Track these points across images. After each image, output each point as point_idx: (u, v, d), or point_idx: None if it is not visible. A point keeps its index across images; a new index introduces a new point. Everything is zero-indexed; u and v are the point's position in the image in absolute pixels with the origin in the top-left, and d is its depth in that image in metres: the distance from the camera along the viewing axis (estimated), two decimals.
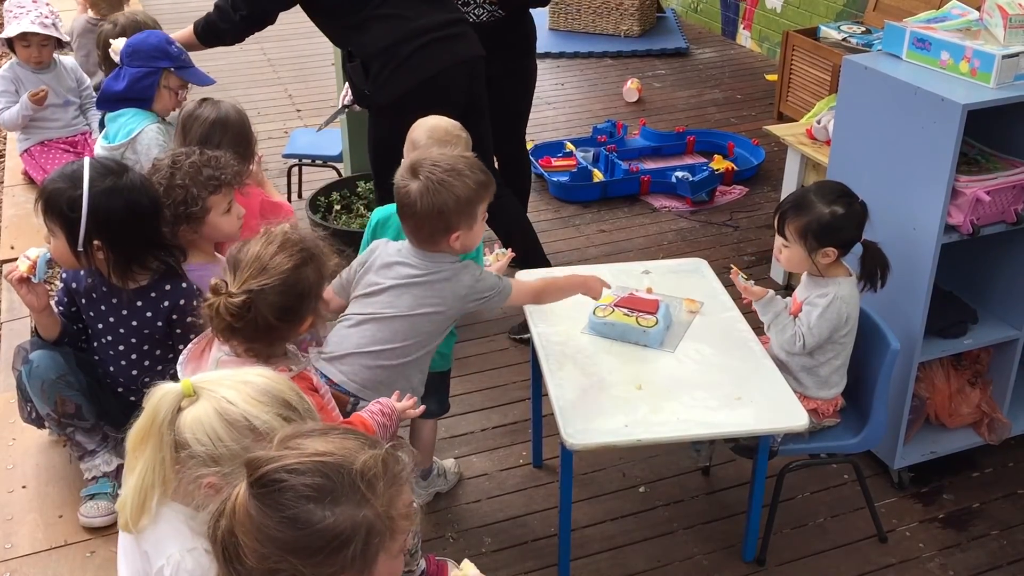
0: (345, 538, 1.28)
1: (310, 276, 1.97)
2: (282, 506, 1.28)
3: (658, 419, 2.38)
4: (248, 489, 1.30)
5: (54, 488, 2.66)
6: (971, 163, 2.71)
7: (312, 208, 4.19)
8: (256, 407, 1.51)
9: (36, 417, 2.67)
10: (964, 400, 3.01)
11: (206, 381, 1.55)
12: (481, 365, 3.64)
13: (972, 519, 2.91)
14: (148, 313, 2.51)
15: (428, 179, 2.31)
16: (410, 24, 3.32)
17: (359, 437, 1.38)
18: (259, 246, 1.96)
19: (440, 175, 2.32)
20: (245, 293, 1.89)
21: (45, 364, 2.53)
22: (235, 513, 1.30)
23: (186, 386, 1.53)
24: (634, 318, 2.63)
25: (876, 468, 3.04)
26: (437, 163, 2.35)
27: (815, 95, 5.16)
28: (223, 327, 1.92)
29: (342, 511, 1.29)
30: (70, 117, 4.37)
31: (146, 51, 3.35)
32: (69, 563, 2.40)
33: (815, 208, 2.52)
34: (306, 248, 1.99)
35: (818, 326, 2.54)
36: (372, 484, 1.31)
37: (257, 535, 1.28)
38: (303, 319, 1.99)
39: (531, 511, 2.96)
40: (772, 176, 4.99)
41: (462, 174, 2.35)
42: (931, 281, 2.68)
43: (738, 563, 2.76)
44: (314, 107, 5.95)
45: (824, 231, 2.51)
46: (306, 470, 1.30)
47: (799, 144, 3.69)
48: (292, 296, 1.93)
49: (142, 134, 3.30)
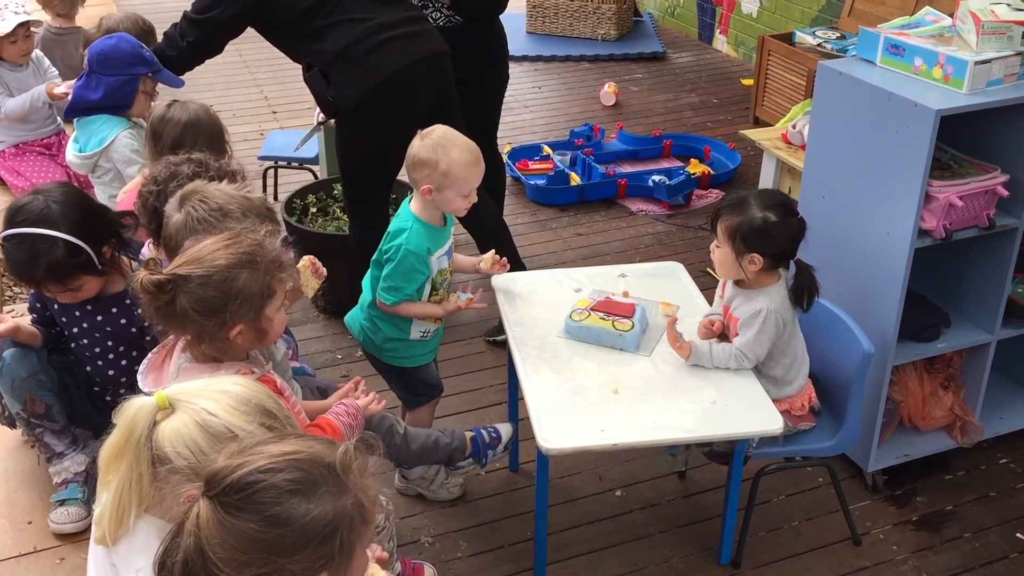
0: (333, 528, 1.29)
1: (243, 280, 1.88)
2: (263, 506, 1.27)
3: (634, 423, 2.38)
4: (214, 501, 1.28)
5: (23, 494, 2.63)
6: (944, 168, 2.73)
7: (288, 211, 4.15)
8: (239, 417, 1.48)
9: (8, 416, 2.64)
10: (937, 403, 3.04)
11: (182, 393, 1.51)
12: (458, 368, 3.63)
13: (945, 521, 2.93)
14: (123, 320, 2.49)
15: (189, 216, 2.18)
16: (364, 24, 3.24)
17: (319, 439, 1.38)
18: (211, 240, 1.93)
19: (204, 213, 2.17)
20: (169, 275, 1.85)
21: (17, 362, 2.51)
22: (200, 529, 1.27)
23: (161, 399, 1.49)
24: (610, 322, 2.63)
25: (850, 471, 3.06)
26: (206, 200, 2.20)
27: (791, 100, 5.20)
28: (145, 305, 1.88)
29: (324, 503, 1.29)
30: (43, 117, 4.32)
31: (121, 59, 3.30)
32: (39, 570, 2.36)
33: (749, 211, 2.47)
34: (251, 254, 1.91)
35: (757, 343, 2.49)
36: (348, 473, 1.32)
37: (235, 544, 1.27)
38: (226, 322, 1.89)
39: (507, 515, 2.95)
40: (748, 180, 5.01)
41: (229, 216, 2.18)
42: (904, 285, 2.70)
43: (714, 566, 2.76)
44: (290, 109, 5.92)
45: (753, 235, 2.45)
46: (282, 467, 1.29)
47: (775, 149, 3.71)
48: (215, 292, 1.86)
49: (115, 142, 3.27)
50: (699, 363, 2.51)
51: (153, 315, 1.90)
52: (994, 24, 2.58)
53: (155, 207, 2.38)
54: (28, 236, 2.38)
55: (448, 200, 2.65)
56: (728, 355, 2.50)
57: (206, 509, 1.29)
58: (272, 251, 1.97)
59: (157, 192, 2.40)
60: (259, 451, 1.33)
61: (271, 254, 1.95)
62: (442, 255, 2.74)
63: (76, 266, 2.40)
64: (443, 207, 2.68)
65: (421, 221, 2.67)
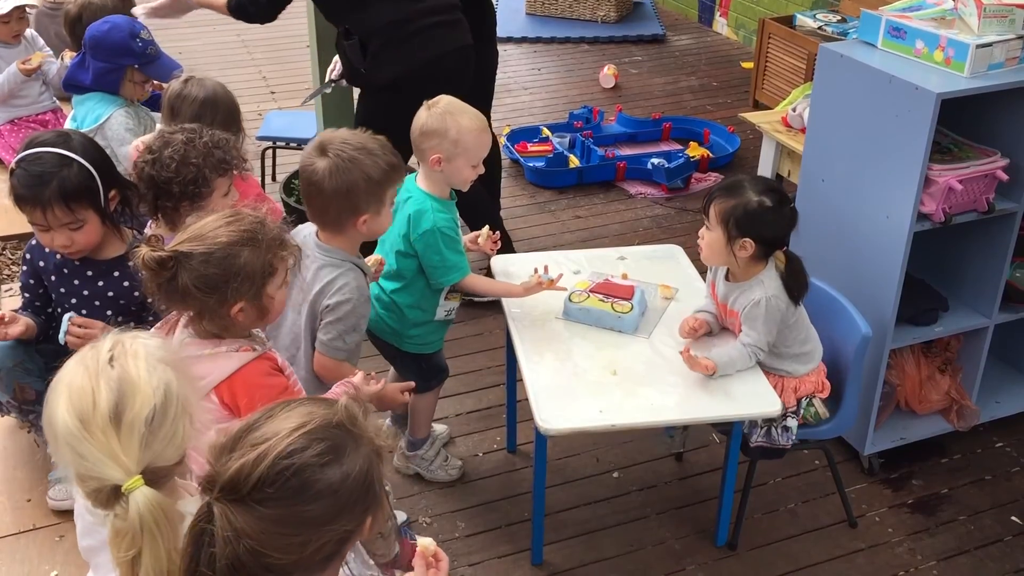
0: (368, 478, 1.35)
1: (243, 257, 1.88)
2: (304, 487, 1.28)
3: (632, 404, 2.39)
4: (243, 502, 1.26)
5: (22, 472, 2.63)
6: (944, 152, 2.73)
7: (286, 191, 4.15)
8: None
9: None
10: (934, 387, 3.05)
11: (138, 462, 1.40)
12: (456, 350, 3.63)
13: (940, 504, 2.95)
14: (125, 283, 2.48)
15: (338, 157, 2.25)
16: (414, 5, 3.30)
17: (304, 402, 1.39)
18: (212, 218, 1.93)
19: (351, 152, 2.26)
20: (170, 252, 1.85)
21: (2, 353, 2.50)
22: (240, 536, 1.25)
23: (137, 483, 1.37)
24: (609, 304, 2.63)
25: (846, 454, 3.07)
26: (347, 141, 2.28)
27: (790, 83, 5.18)
28: (146, 281, 1.88)
29: (353, 458, 1.33)
30: (36, 93, 4.32)
31: (109, 47, 3.32)
32: (38, 547, 2.37)
33: (744, 195, 2.43)
34: (253, 232, 1.91)
35: (765, 333, 2.47)
36: (357, 423, 1.36)
37: (286, 531, 1.27)
38: (227, 300, 1.89)
39: (505, 496, 2.96)
40: (747, 164, 5.00)
41: (373, 153, 2.28)
42: (903, 269, 2.70)
43: (710, 548, 2.77)
44: (288, 89, 5.89)
45: (747, 219, 2.41)
46: (304, 445, 1.30)
47: (774, 132, 3.70)
48: (217, 269, 1.86)
49: (110, 120, 3.27)
50: (726, 373, 2.46)
51: (155, 291, 1.90)
52: (996, 7, 2.57)
53: (151, 176, 2.39)
54: (45, 154, 2.40)
55: (458, 170, 2.62)
56: (744, 355, 2.47)
57: (237, 512, 1.26)
58: (273, 229, 1.96)
59: (152, 161, 2.40)
60: (263, 437, 1.31)
61: (272, 232, 1.95)
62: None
63: (85, 193, 2.39)
64: (452, 178, 2.65)
65: (433, 197, 2.65)
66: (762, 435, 2.59)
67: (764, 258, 2.49)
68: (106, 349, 1.46)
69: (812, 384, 2.61)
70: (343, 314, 2.30)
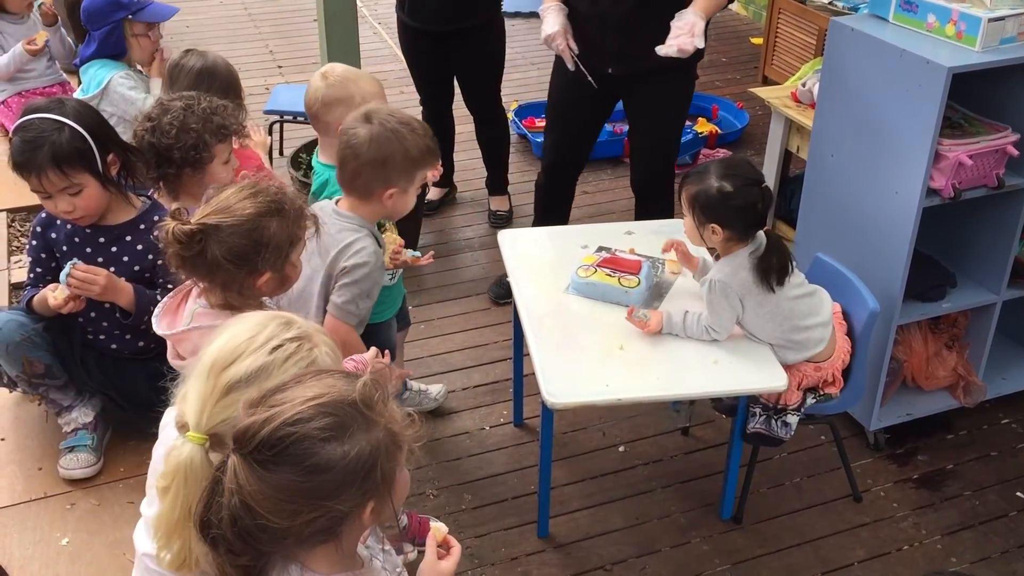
0: (371, 464, 1.32)
1: (272, 228, 1.91)
2: (300, 457, 1.29)
3: (639, 379, 2.39)
4: (247, 459, 1.29)
5: (33, 440, 2.65)
6: (954, 127, 2.71)
7: (294, 165, 4.14)
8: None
9: (8, 381, 2.65)
10: (941, 363, 3.05)
11: (208, 418, 1.48)
12: (463, 324, 3.64)
13: (946, 480, 2.95)
14: (139, 246, 2.49)
15: (382, 126, 2.28)
16: None
17: (334, 373, 1.39)
18: (234, 190, 1.94)
19: (395, 124, 2.29)
20: (199, 225, 1.87)
21: (8, 327, 2.51)
22: (241, 487, 1.29)
23: (198, 439, 1.47)
24: (616, 279, 2.63)
25: (852, 429, 3.07)
26: (393, 114, 2.32)
27: (800, 59, 5.15)
28: (173, 255, 1.90)
29: (358, 441, 1.31)
30: (43, 67, 4.32)
31: (100, 9, 3.39)
32: (49, 514, 2.39)
33: (707, 181, 2.40)
34: (277, 202, 1.94)
35: (714, 316, 2.44)
36: (373, 406, 1.34)
37: (280, 496, 1.29)
38: (256, 270, 1.93)
39: (511, 469, 2.97)
40: (756, 140, 4.98)
41: (415, 132, 2.32)
42: (912, 244, 2.69)
43: (715, 521, 2.79)
44: (295, 63, 5.88)
45: (708, 205, 2.39)
46: (310, 415, 1.30)
47: (784, 107, 3.68)
48: (246, 241, 1.89)
49: (111, 83, 3.32)
50: (671, 331, 2.48)
51: (180, 264, 1.92)
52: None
53: (152, 144, 2.40)
54: (36, 120, 2.42)
55: None
56: (701, 328, 2.47)
57: (242, 466, 1.29)
58: (296, 199, 2.00)
59: (152, 128, 2.41)
60: (281, 399, 1.33)
61: (295, 202, 1.99)
62: None
63: (78, 156, 2.39)
64: None
65: (326, 166, 2.67)
66: (760, 423, 2.59)
67: (743, 239, 2.45)
68: (291, 335, 1.52)
69: (816, 377, 2.57)
70: (359, 277, 2.32)
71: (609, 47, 3.10)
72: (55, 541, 2.30)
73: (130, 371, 2.63)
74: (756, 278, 2.42)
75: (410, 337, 3.54)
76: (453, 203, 4.47)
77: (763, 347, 2.49)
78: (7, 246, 3.80)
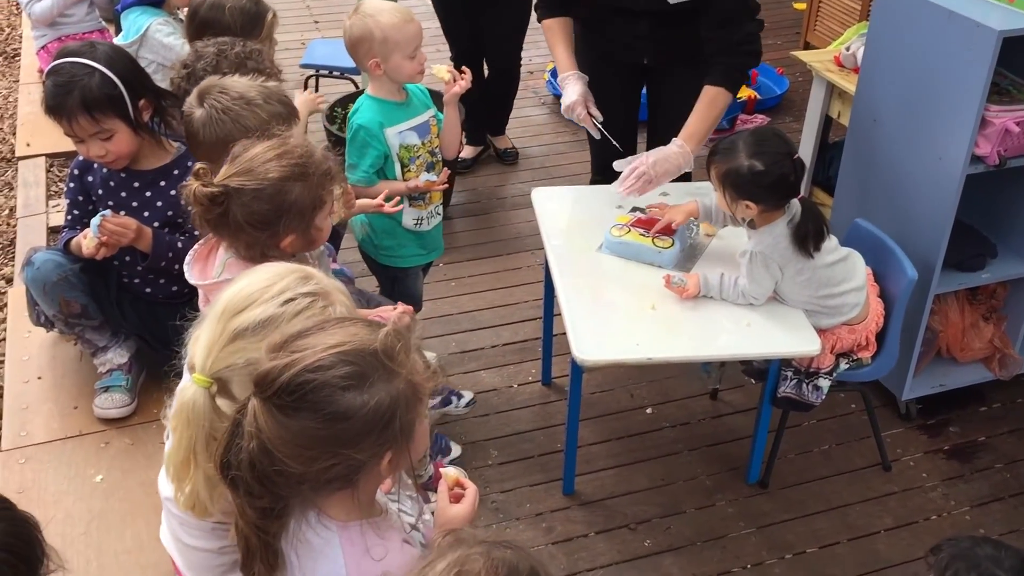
0: (391, 413, 1.32)
1: (295, 192, 1.89)
2: (319, 404, 1.29)
3: (670, 339, 2.38)
4: (268, 403, 1.30)
5: (69, 380, 2.68)
6: (1002, 93, 2.65)
7: (329, 119, 4.14)
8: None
9: (45, 320, 2.69)
10: (977, 335, 3.00)
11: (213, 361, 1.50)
12: (493, 283, 3.64)
13: (977, 452, 2.92)
14: (172, 192, 2.50)
15: (212, 108, 2.17)
16: None
17: (358, 322, 1.39)
18: (260, 149, 1.92)
19: (227, 103, 2.17)
20: (221, 187, 1.85)
21: (46, 267, 2.53)
22: (260, 431, 1.30)
23: (202, 382, 1.49)
24: (650, 239, 2.61)
25: (883, 399, 3.05)
26: (225, 91, 2.20)
27: (843, 24, 5.05)
28: (196, 215, 1.89)
29: (378, 390, 1.32)
30: (83, 13, 4.34)
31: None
32: (84, 452, 2.43)
33: (737, 158, 2.36)
34: (303, 165, 1.91)
35: (753, 284, 2.43)
36: (395, 357, 1.34)
37: (298, 441, 1.29)
38: (278, 233, 1.91)
39: (538, 427, 2.98)
40: (795, 106, 4.91)
41: (253, 104, 2.19)
42: (953, 212, 2.64)
43: (741, 485, 2.78)
44: (332, 18, 5.85)
45: (740, 183, 2.36)
46: (331, 363, 1.30)
47: (826, 71, 3.61)
48: (268, 206, 1.87)
49: (149, 30, 3.34)
50: (707, 294, 2.46)
51: (204, 225, 1.92)
52: None
53: (187, 91, 2.40)
54: (68, 64, 2.42)
55: (398, 67, 2.62)
56: (738, 292, 2.45)
57: (262, 410, 1.30)
58: (322, 161, 1.96)
59: (187, 75, 2.41)
60: (303, 345, 1.33)
61: (322, 165, 1.95)
62: (406, 131, 2.71)
63: (108, 102, 2.40)
64: (396, 77, 2.66)
65: (372, 97, 2.68)
66: (791, 387, 2.57)
67: (777, 208, 2.42)
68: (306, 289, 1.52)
69: (850, 339, 2.55)
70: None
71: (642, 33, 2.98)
72: (89, 478, 2.34)
73: (163, 315, 2.66)
74: (794, 245, 2.40)
75: (440, 294, 3.55)
76: (488, 161, 4.45)
77: (797, 311, 2.47)
78: (46, 191, 3.84)
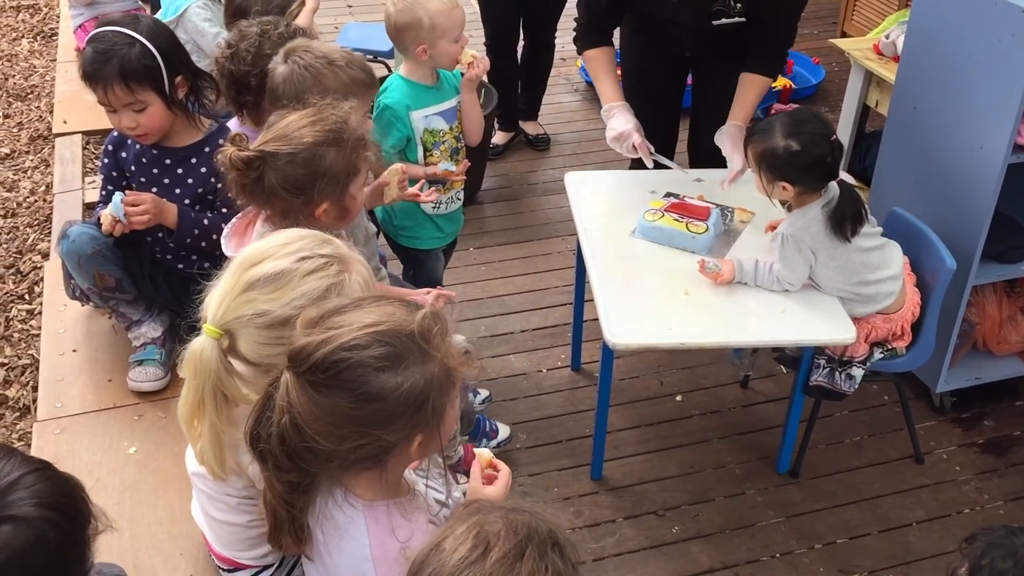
0: (424, 396, 1.31)
1: (330, 158, 1.89)
2: (352, 383, 1.29)
3: (703, 324, 2.37)
4: (301, 378, 1.30)
5: (104, 353, 2.70)
6: None
7: None
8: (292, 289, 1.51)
9: (80, 294, 2.71)
10: (1014, 328, 2.96)
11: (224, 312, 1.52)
12: (524, 268, 3.63)
13: (1012, 446, 2.88)
14: (203, 168, 2.51)
15: (295, 63, 2.24)
16: None
17: (395, 302, 1.39)
18: (295, 116, 1.93)
19: (311, 60, 2.24)
20: (257, 151, 1.86)
21: (81, 240, 2.55)
22: (292, 406, 1.30)
23: (213, 332, 1.51)
24: (684, 224, 2.60)
25: (917, 391, 3.01)
26: (310, 50, 2.27)
27: (881, 13, 4.98)
28: (231, 180, 1.90)
29: (412, 373, 1.30)
30: None
31: None
32: (118, 424, 2.45)
33: (773, 138, 2.34)
34: (337, 131, 1.91)
35: (787, 268, 2.41)
36: (430, 340, 1.33)
37: (329, 419, 1.29)
38: (313, 199, 1.91)
39: (567, 412, 2.98)
40: (831, 96, 4.86)
41: (335, 65, 2.25)
42: (994, 202, 2.60)
43: (771, 474, 2.76)
44: (365, 2, 5.86)
45: (775, 163, 2.34)
46: (367, 342, 1.29)
47: (864, 59, 3.56)
48: (303, 170, 1.87)
49: (187, 12, 3.35)
50: (742, 280, 2.44)
51: (239, 191, 1.92)
52: None
53: (231, 72, 2.41)
54: (110, 32, 2.44)
55: (444, 52, 2.63)
56: (772, 278, 2.43)
57: (295, 385, 1.30)
58: (357, 128, 1.96)
59: (231, 56, 2.42)
60: (339, 323, 1.32)
61: (356, 132, 1.95)
62: (432, 115, 2.71)
63: (145, 73, 2.41)
64: (441, 62, 2.67)
65: (403, 78, 2.69)
66: (823, 375, 2.54)
67: (815, 191, 2.40)
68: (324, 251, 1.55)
69: (885, 329, 2.52)
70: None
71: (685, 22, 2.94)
72: (123, 449, 2.36)
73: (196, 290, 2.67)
74: (830, 229, 2.37)
75: (470, 278, 3.55)
76: (519, 147, 4.44)
77: (832, 298, 2.44)
78: (82, 167, 3.87)
